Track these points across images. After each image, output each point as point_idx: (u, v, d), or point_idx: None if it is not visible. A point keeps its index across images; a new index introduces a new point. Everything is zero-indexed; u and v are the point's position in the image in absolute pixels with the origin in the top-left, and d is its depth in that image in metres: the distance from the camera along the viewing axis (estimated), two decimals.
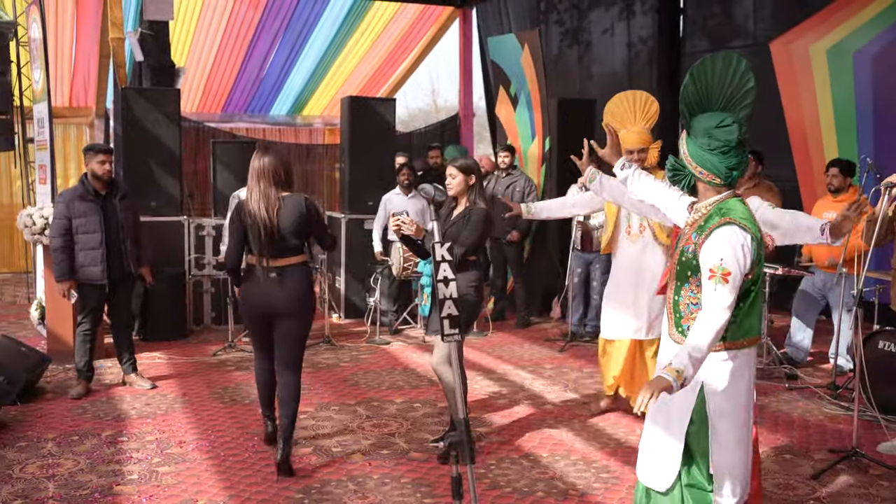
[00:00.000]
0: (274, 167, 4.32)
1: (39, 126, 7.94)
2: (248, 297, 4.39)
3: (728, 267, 2.68)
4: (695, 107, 2.91)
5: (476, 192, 4.50)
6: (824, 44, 7.68)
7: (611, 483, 4.20)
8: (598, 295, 7.51)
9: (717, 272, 2.69)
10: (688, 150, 2.86)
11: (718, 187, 2.85)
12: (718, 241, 2.74)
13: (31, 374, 5.67)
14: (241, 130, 13.63)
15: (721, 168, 2.79)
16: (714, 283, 2.70)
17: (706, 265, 2.74)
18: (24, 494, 4.00)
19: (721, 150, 2.77)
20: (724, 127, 2.78)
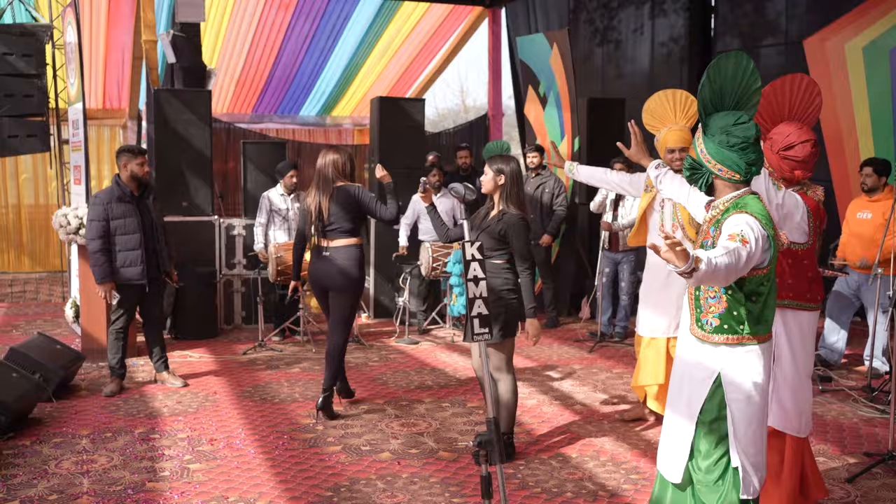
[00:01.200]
0: (333, 162, 5.20)
1: (74, 128, 8.06)
2: (311, 272, 5.28)
3: (748, 236, 2.70)
4: (710, 105, 2.94)
5: (507, 194, 4.38)
6: (860, 41, 7.56)
7: (640, 484, 4.17)
8: (626, 295, 7.47)
9: (737, 236, 2.71)
10: (706, 148, 2.90)
11: (737, 184, 2.88)
12: (735, 221, 2.77)
13: (66, 372, 5.76)
14: (272, 131, 13.72)
15: (741, 164, 2.83)
16: (735, 242, 2.71)
17: (727, 233, 2.75)
18: (59, 489, 4.07)
19: (740, 146, 2.81)
20: (742, 124, 2.83)
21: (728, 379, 2.89)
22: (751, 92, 2.93)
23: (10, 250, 12.37)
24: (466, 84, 48.34)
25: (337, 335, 5.21)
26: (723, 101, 2.93)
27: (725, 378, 2.89)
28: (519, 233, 4.31)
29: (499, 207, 4.41)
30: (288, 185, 7.46)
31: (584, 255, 8.71)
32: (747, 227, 2.73)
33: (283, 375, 6.34)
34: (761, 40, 8.57)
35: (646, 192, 5.07)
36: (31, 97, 7.90)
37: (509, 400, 4.46)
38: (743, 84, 2.92)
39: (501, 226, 4.32)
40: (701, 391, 2.93)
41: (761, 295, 2.85)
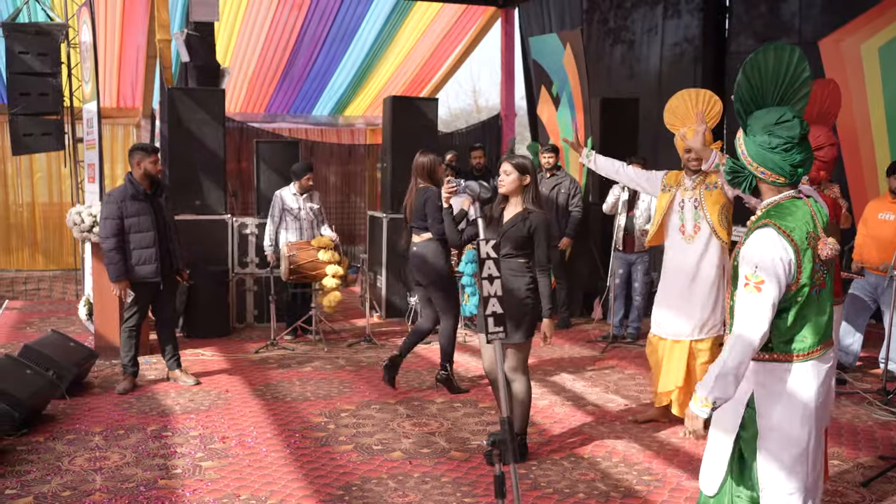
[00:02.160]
0: (419, 165, 5.84)
1: (88, 126, 8.11)
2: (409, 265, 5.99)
3: (762, 275, 2.55)
4: (750, 104, 2.76)
5: (531, 193, 4.38)
6: (876, 42, 7.50)
7: (653, 485, 4.15)
8: (639, 296, 7.44)
9: (751, 280, 2.57)
10: (747, 150, 2.71)
11: (782, 187, 2.70)
12: (754, 245, 2.61)
13: (80, 369, 5.79)
14: (284, 131, 13.76)
15: (785, 166, 2.64)
16: (748, 292, 2.58)
17: (742, 272, 2.63)
18: (72, 486, 4.08)
19: (784, 147, 2.61)
20: (785, 122, 2.62)
21: (759, 400, 2.72)
22: (798, 84, 2.75)
23: (25, 248, 12.45)
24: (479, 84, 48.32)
25: (443, 320, 5.83)
26: (764, 98, 2.76)
27: (757, 398, 2.73)
28: (546, 233, 4.32)
29: (521, 207, 4.37)
30: (304, 186, 7.47)
31: (597, 255, 8.68)
32: (766, 258, 2.56)
33: (294, 374, 6.35)
34: (776, 41, 8.51)
35: (663, 191, 5.05)
36: (46, 96, 7.95)
37: (524, 400, 4.46)
38: (788, 77, 2.74)
39: (529, 225, 4.31)
40: (739, 409, 2.76)
41: (788, 311, 2.65)
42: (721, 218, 4.81)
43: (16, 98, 8.05)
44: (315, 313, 7.44)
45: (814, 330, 2.69)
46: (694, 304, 4.89)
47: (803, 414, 2.68)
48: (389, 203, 8.53)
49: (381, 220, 8.50)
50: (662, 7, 9.73)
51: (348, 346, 7.31)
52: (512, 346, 4.35)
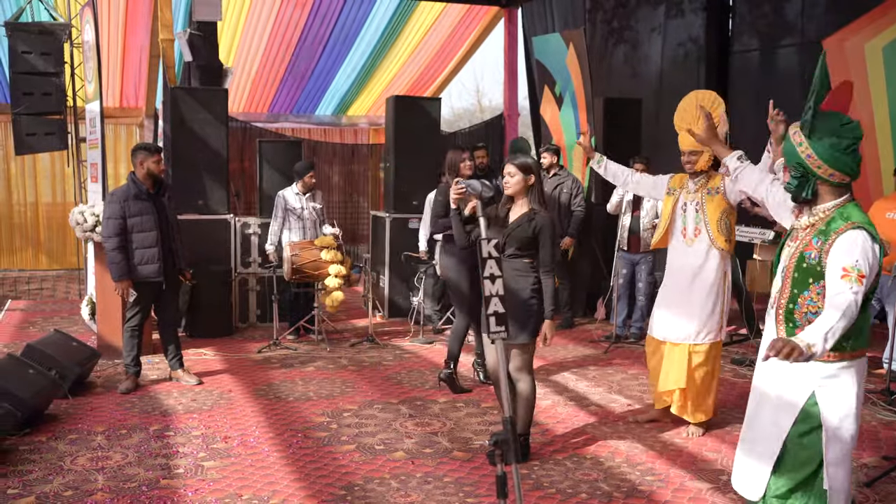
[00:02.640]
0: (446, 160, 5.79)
1: (91, 126, 8.11)
2: None
3: (862, 269, 2.65)
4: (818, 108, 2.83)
5: (536, 193, 4.38)
6: (879, 41, 7.47)
7: (656, 485, 4.14)
8: (643, 296, 7.43)
9: (852, 272, 2.65)
10: (815, 152, 2.77)
11: (841, 188, 2.81)
12: (851, 243, 2.69)
13: (82, 369, 5.79)
14: (287, 130, 13.76)
15: (854, 166, 2.77)
16: (849, 282, 2.64)
17: (840, 264, 2.68)
18: (74, 486, 4.08)
19: (852, 147, 2.75)
20: (848, 124, 2.76)
21: (824, 398, 2.79)
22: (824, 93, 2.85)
23: (28, 248, 12.47)
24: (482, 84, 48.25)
25: (456, 319, 6.07)
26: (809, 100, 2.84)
27: (821, 397, 2.79)
28: (551, 233, 4.32)
29: (527, 207, 4.37)
30: (307, 184, 7.48)
31: (599, 255, 8.67)
32: (863, 255, 2.66)
33: (297, 374, 6.35)
34: (779, 40, 8.50)
35: (668, 195, 5.04)
36: (50, 95, 7.95)
37: (528, 400, 4.45)
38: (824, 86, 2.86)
39: (534, 225, 4.30)
40: (792, 410, 2.83)
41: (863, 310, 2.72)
42: (721, 224, 4.79)
43: (19, 98, 8.05)
44: (318, 313, 7.43)
45: (866, 330, 2.83)
46: (693, 308, 4.87)
47: (857, 412, 2.80)
48: (392, 203, 8.52)
49: (384, 219, 8.49)
50: (665, 6, 9.72)
51: (351, 346, 7.30)
52: (517, 346, 4.34)
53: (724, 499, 3.98)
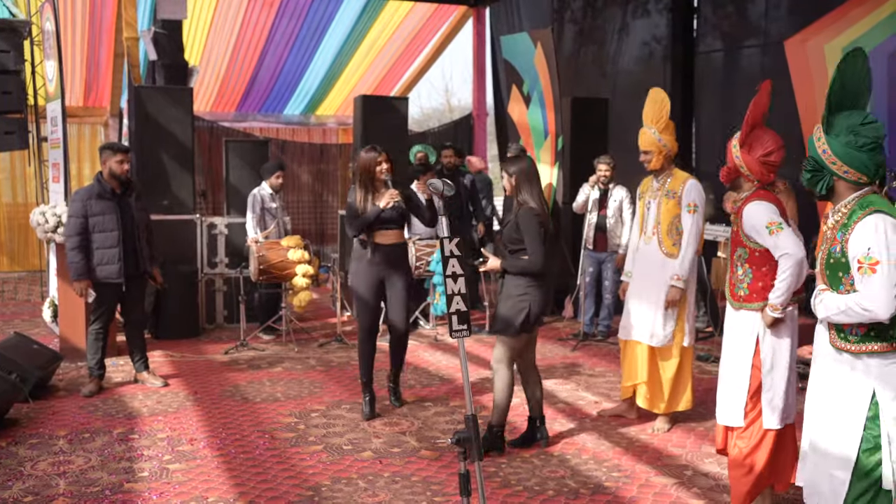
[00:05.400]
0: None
1: (52, 124, 7.98)
2: None
3: (876, 256, 2.62)
4: (835, 104, 2.82)
5: (522, 191, 4.44)
6: (840, 42, 7.60)
7: (622, 482, 4.17)
8: (610, 294, 7.49)
9: (864, 263, 2.64)
10: (831, 149, 2.78)
11: (862, 186, 2.78)
12: (864, 230, 2.67)
13: (44, 372, 5.69)
14: (255, 130, 13.65)
15: (871, 165, 2.74)
16: (862, 275, 2.64)
17: (854, 258, 2.68)
18: (35, 491, 4.01)
19: (870, 146, 2.73)
20: (870, 123, 2.74)
21: (883, 394, 2.70)
22: (865, 90, 2.84)
23: None
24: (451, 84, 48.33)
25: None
26: (843, 101, 2.82)
27: (881, 394, 2.71)
28: (526, 223, 4.35)
29: (516, 203, 4.47)
30: (274, 185, 7.47)
31: (567, 254, 8.72)
32: (877, 241, 2.62)
33: (264, 375, 6.30)
34: (743, 41, 8.61)
35: (639, 199, 5.11)
36: (10, 94, 7.79)
37: (502, 393, 4.49)
38: (862, 84, 2.83)
39: (515, 217, 4.40)
40: (858, 413, 2.75)
41: None
42: (671, 228, 4.85)
43: None
44: (285, 313, 7.39)
45: None
46: (647, 307, 4.92)
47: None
48: None
49: None
50: (631, 7, 9.80)
51: (319, 346, 7.27)
52: (503, 337, 4.46)
53: (688, 493, 4.03)
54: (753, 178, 3.61)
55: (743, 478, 3.60)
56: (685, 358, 4.95)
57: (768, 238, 3.46)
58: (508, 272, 4.43)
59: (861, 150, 2.73)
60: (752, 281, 3.57)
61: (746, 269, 3.59)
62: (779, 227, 3.45)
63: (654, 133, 4.84)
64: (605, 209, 7.39)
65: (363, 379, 5.28)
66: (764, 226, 3.48)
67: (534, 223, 4.35)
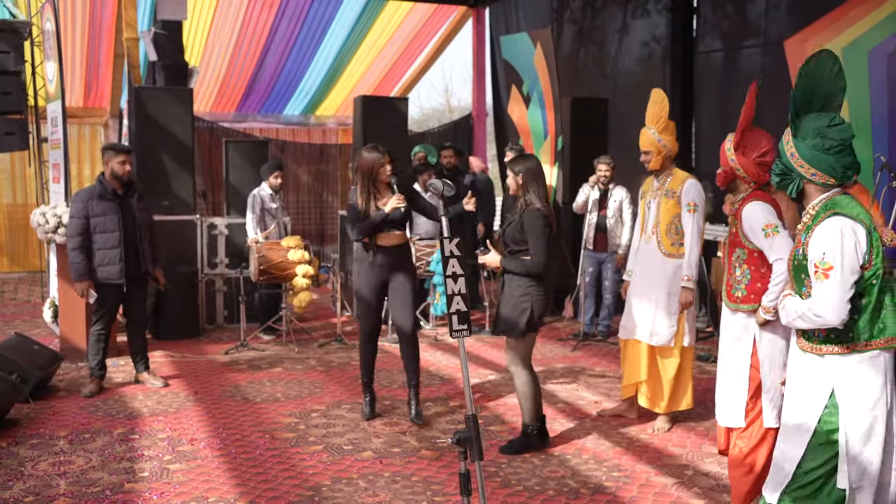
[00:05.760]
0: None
1: (53, 125, 7.98)
2: None
3: (830, 261, 2.62)
4: (801, 107, 2.81)
5: (529, 190, 4.44)
6: (840, 42, 7.60)
7: (622, 481, 4.18)
8: (610, 294, 7.49)
9: (819, 268, 2.64)
10: (798, 152, 2.78)
11: (830, 188, 2.77)
12: (822, 233, 2.67)
13: (44, 372, 5.70)
14: (255, 130, 13.66)
15: (838, 168, 2.73)
16: (816, 280, 2.65)
17: (811, 261, 2.69)
18: (35, 491, 4.02)
19: (837, 149, 2.71)
20: (837, 125, 2.73)
21: (842, 393, 2.71)
22: (837, 91, 2.82)
23: None
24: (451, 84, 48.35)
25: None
26: (812, 103, 2.82)
27: (839, 393, 2.72)
28: (531, 224, 4.36)
29: (522, 203, 4.47)
30: (273, 185, 7.47)
31: (567, 254, 8.72)
32: (832, 245, 2.62)
33: (265, 375, 6.30)
34: (742, 41, 8.61)
35: (641, 199, 5.13)
36: (10, 94, 7.79)
37: (526, 392, 4.54)
38: (832, 85, 2.81)
39: (520, 217, 4.41)
40: (815, 410, 2.75)
41: (866, 296, 2.68)
42: (670, 228, 4.86)
43: None
44: (286, 313, 7.39)
45: (892, 317, 2.71)
46: (648, 307, 4.93)
47: (883, 404, 2.70)
48: None
49: None
50: (631, 7, 9.80)
51: (319, 347, 7.27)
52: (511, 340, 4.48)
53: (688, 493, 4.03)
54: (750, 179, 3.62)
55: (743, 477, 3.61)
56: (686, 358, 4.95)
57: (764, 240, 3.48)
58: (510, 272, 4.44)
59: (828, 153, 2.72)
60: (749, 282, 3.58)
61: (745, 269, 3.60)
62: (775, 231, 3.46)
63: (654, 133, 4.85)
64: (605, 209, 7.39)
65: (363, 379, 5.27)
66: (761, 227, 3.49)
67: (539, 224, 4.36)
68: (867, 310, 2.69)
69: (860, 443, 2.71)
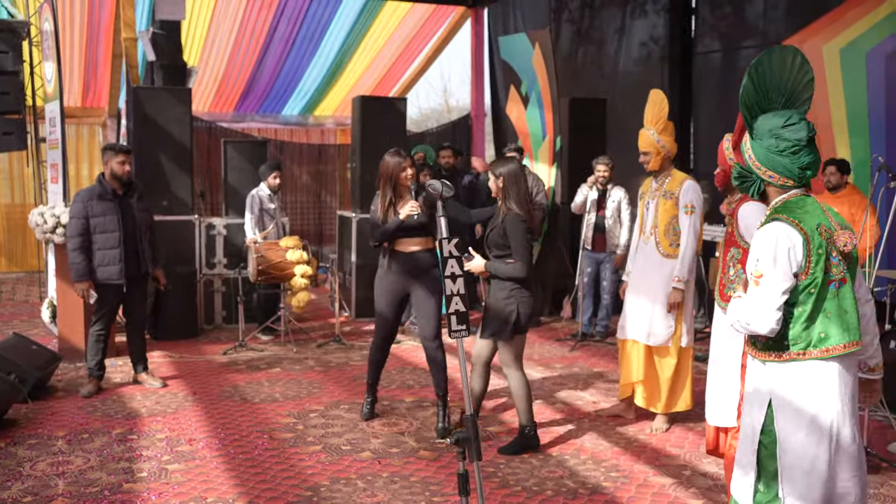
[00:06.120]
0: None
1: (51, 125, 7.98)
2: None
3: (761, 268, 2.56)
4: (755, 107, 2.72)
5: (506, 195, 4.46)
6: (837, 43, 7.62)
7: (620, 482, 4.18)
8: (608, 294, 7.50)
9: (752, 274, 2.59)
10: (754, 154, 2.70)
11: (790, 190, 2.68)
12: (758, 239, 2.62)
13: (42, 373, 5.69)
14: (253, 130, 13.65)
15: (794, 169, 2.64)
16: (751, 286, 2.60)
17: (748, 268, 2.65)
18: (34, 492, 4.02)
19: (791, 150, 2.62)
20: (792, 125, 2.62)
21: (777, 402, 2.63)
22: (802, 87, 2.70)
23: None
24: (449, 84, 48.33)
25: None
26: (770, 101, 2.71)
27: (775, 402, 2.64)
28: (513, 228, 4.39)
29: (504, 209, 4.49)
30: (272, 185, 7.47)
31: (566, 254, 8.73)
32: (766, 252, 2.56)
33: (263, 375, 6.30)
34: (741, 42, 8.62)
35: (640, 199, 5.13)
36: (8, 94, 7.79)
37: (521, 394, 4.55)
38: (791, 80, 2.69)
39: (502, 223, 4.43)
40: (759, 416, 2.68)
41: (802, 304, 2.58)
42: (668, 228, 4.87)
43: None
44: (284, 314, 7.39)
45: (836, 327, 2.60)
46: (645, 307, 4.93)
47: (824, 417, 2.58)
48: (359, 203, 8.50)
49: (351, 219, 8.47)
50: (629, 7, 9.81)
51: (318, 347, 7.27)
52: (500, 343, 4.51)
53: (686, 493, 4.04)
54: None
55: None
56: (683, 358, 4.96)
57: None
58: (496, 276, 4.46)
59: (782, 155, 2.63)
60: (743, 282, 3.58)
61: (739, 269, 3.60)
62: None
63: (653, 134, 4.86)
64: (603, 210, 7.40)
65: (368, 380, 5.24)
66: (756, 227, 3.48)
67: (521, 229, 4.40)
68: (800, 319, 2.59)
69: (796, 459, 2.60)
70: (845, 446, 2.62)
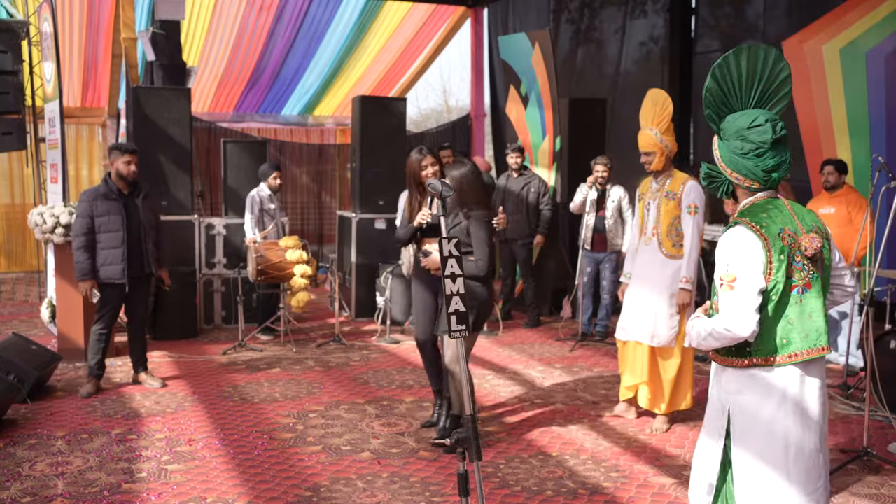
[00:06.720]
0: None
1: (50, 125, 7.97)
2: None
3: (734, 272, 2.51)
4: (722, 108, 2.68)
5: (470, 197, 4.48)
6: (837, 43, 7.62)
7: (620, 482, 4.18)
8: (607, 294, 7.50)
9: (724, 280, 2.53)
10: (721, 155, 2.66)
11: (757, 191, 2.64)
12: (723, 243, 2.57)
13: (42, 373, 5.69)
14: (253, 130, 13.65)
15: (758, 171, 2.58)
16: (723, 291, 2.54)
17: (717, 273, 2.59)
18: (33, 492, 4.01)
19: (756, 152, 2.56)
20: (757, 127, 2.56)
21: (734, 410, 2.60)
22: (776, 85, 2.64)
23: None
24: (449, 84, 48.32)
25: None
26: (739, 101, 2.66)
27: (733, 409, 2.60)
28: (477, 228, 4.45)
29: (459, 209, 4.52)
30: (272, 185, 7.47)
31: (565, 254, 8.73)
32: (735, 256, 2.52)
33: (263, 376, 6.30)
34: (740, 41, 8.62)
35: (639, 201, 5.13)
36: (7, 94, 7.79)
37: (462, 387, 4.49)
38: (765, 77, 2.63)
39: (466, 223, 4.47)
40: (721, 424, 2.64)
41: (763, 309, 2.54)
42: (671, 229, 4.86)
43: None
44: (284, 314, 7.39)
45: (799, 332, 2.56)
46: (648, 308, 4.93)
47: (777, 432, 2.55)
48: (359, 203, 8.50)
49: (351, 219, 8.47)
50: (629, 7, 9.81)
51: (317, 347, 7.27)
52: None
53: (686, 493, 4.03)
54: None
55: None
56: (686, 358, 4.96)
57: None
58: None
59: (746, 157, 2.57)
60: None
61: None
62: None
63: (656, 134, 4.85)
64: (602, 210, 7.40)
65: (433, 388, 5.09)
66: None
67: (486, 228, 4.45)
68: (768, 323, 2.55)
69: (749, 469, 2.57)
70: (805, 456, 2.57)
